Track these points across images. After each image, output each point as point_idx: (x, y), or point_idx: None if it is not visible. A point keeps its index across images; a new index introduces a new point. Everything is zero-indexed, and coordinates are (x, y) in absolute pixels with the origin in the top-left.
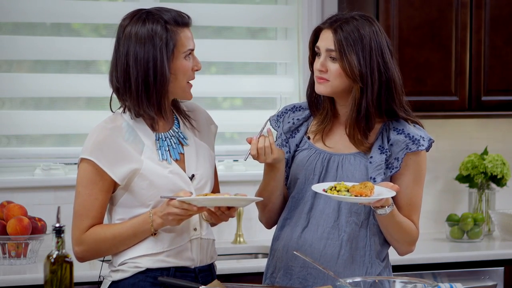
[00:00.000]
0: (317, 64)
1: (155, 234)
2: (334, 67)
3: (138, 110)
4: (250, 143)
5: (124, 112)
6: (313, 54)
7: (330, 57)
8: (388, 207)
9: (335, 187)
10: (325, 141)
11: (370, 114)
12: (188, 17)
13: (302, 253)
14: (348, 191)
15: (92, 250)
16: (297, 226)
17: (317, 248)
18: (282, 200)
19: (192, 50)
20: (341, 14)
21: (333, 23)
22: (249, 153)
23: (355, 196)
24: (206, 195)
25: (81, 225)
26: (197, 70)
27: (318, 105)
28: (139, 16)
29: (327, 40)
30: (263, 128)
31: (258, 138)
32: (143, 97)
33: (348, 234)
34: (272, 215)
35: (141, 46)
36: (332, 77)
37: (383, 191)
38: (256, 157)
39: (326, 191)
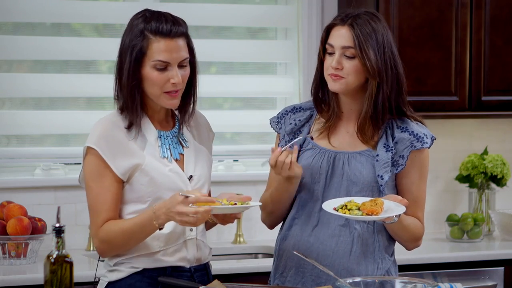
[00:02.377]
0: (332, 61)
1: (161, 228)
2: (349, 64)
3: (118, 104)
4: (273, 152)
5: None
6: (323, 51)
7: (345, 55)
8: (396, 216)
9: (346, 206)
10: (330, 139)
11: (386, 109)
12: (177, 26)
13: (302, 253)
14: (359, 209)
15: (107, 245)
16: (307, 225)
17: (329, 245)
18: (289, 207)
19: (167, 63)
20: (351, 11)
21: (345, 20)
22: (268, 162)
23: (367, 214)
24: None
25: (97, 220)
26: (174, 84)
27: (324, 102)
28: (140, 15)
29: (342, 38)
30: (292, 143)
31: (282, 151)
32: (118, 93)
33: (359, 231)
34: (278, 219)
35: (122, 43)
36: (347, 74)
37: (391, 206)
38: (274, 167)
39: (337, 210)
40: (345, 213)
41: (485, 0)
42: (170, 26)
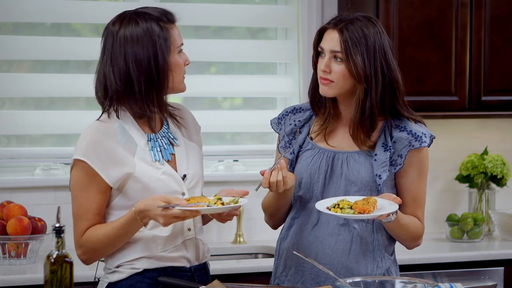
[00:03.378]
0: (321, 64)
1: (146, 225)
2: (338, 68)
3: (143, 111)
4: (262, 175)
5: (117, 117)
6: (317, 54)
7: (335, 58)
8: (392, 215)
9: (338, 205)
10: (328, 140)
11: (374, 114)
12: (173, 13)
13: (302, 253)
14: (351, 208)
15: (90, 252)
16: (306, 224)
17: (328, 243)
18: (290, 208)
19: (182, 45)
20: (345, 15)
21: (337, 24)
22: (261, 185)
23: (359, 213)
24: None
25: (79, 228)
26: (187, 65)
27: (320, 104)
28: (129, 17)
29: (331, 41)
30: (277, 162)
31: (271, 172)
32: (147, 97)
33: (358, 230)
34: (280, 220)
35: (140, 46)
36: (336, 78)
37: (385, 204)
38: (269, 188)
39: (329, 209)
40: (337, 212)
41: (485, 0)
42: (171, 13)
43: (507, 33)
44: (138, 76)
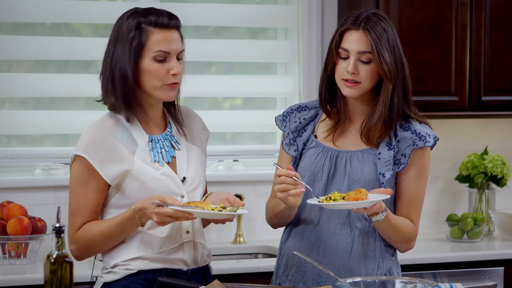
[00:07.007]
0: (347, 66)
1: (143, 225)
2: (365, 69)
3: (109, 103)
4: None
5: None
6: (331, 55)
7: (360, 59)
8: (382, 213)
9: (330, 197)
10: (335, 140)
11: (400, 111)
12: (174, 19)
13: (303, 253)
14: (343, 198)
15: (84, 248)
16: (308, 224)
17: (330, 244)
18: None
19: (167, 53)
20: (360, 13)
21: (358, 23)
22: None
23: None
24: (194, 203)
25: (74, 224)
26: (174, 75)
27: (330, 104)
28: (131, 12)
29: (358, 42)
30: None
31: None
32: (108, 91)
33: (360, 229)
34: (283, 225)
35: (113, 40)
36: (363, 79)
37: (376, 197)
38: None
39: (322, 202)
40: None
41: (485, 0)
42: (168, 18)
43: (507, 33)
44: (105, 69)
